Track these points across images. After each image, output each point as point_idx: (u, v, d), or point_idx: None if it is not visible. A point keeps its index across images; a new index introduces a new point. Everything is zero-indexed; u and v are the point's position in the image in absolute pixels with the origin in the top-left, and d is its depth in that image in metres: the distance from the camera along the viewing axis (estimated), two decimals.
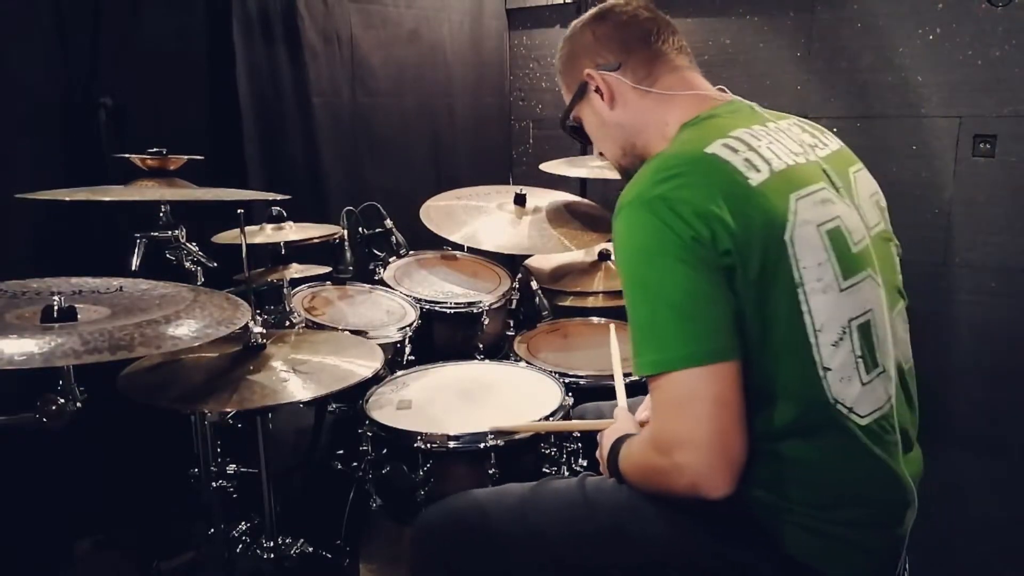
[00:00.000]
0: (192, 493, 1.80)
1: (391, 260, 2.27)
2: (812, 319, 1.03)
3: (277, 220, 2.00)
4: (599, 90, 1.28)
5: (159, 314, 1.21)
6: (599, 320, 2.32)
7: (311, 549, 1.77)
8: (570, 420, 1.65)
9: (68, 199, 1.46)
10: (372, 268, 2.25)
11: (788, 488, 1.06)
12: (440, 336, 2.17)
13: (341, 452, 1.97)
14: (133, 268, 1.60)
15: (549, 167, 2.51)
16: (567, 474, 1.61)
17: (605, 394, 1.71)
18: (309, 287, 2.12)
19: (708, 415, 0.99)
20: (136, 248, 1.62)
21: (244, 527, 1.81)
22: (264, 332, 1.60)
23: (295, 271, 1.98)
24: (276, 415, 1.74)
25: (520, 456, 1.59)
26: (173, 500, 1.98)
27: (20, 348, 1.05)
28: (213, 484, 1.74)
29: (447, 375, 1.92)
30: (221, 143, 2.20)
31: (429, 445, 1.55)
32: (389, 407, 1.73)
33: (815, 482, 1.06)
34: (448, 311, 2.14)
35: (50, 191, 1.49)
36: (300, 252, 2.02)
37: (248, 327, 1.55)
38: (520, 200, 2.32)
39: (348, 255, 2.07)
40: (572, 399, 1.70)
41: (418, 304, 2.11)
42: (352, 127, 2.59)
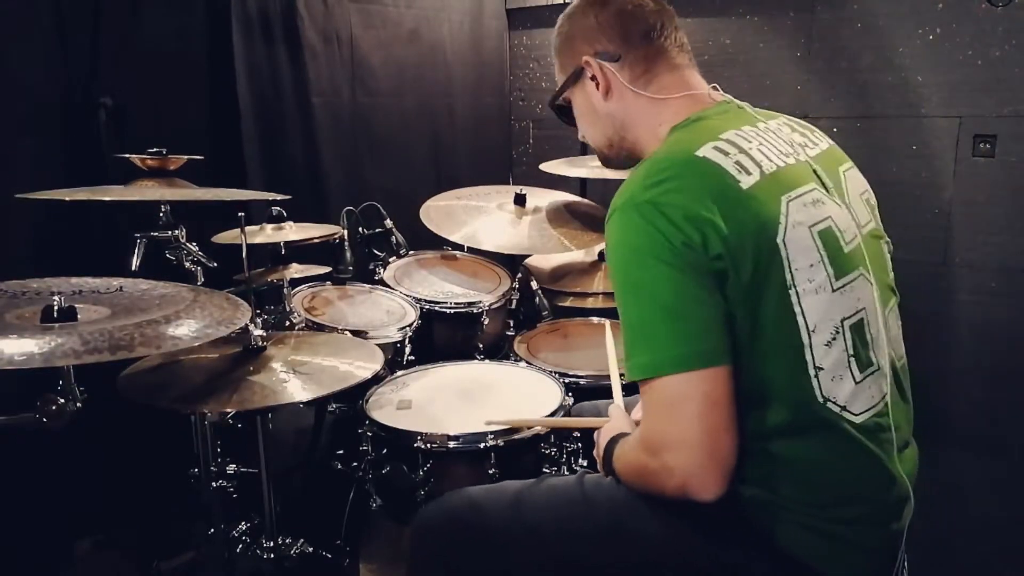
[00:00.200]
0: (192, 493, 1.80)
1: (391, 260, 2.27)
2: (805, 320, 1.03)
3: (277, 220, 2.00)
4: (595, 79, 1.26)
5: (159, 314, 1.21)
6: (599, 320, 2.31)
7: (311, 549, 1.77)
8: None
9: (68, 199, 1.47)
10: (372, 268, 2.25)
11: (783, 487, 1.06)
12: (440, 336, 2.17)
13: (341, 452, 1.97)
14: (133, 268, 1.60)
15: (549, 167, 2.51)
16: (567, 474, 1.60)
17: (605, 394, 1.70)
18: (309, 287, 2.12)
19: (698, 416, 0.99)
20: (136, 248, 1.63)
21: (244, 527, 1.81)
22: (264, 335, 1.60)
23: (295, 271, 1.99)
24: (276, 415, 1.74)
25: (520, 456, 1.59)
26: (173, 500, 1.98)
27: (20, 348, 1.05)
28: (213, 484, 1.74)
29: (447, 375, 1.92)
30: (221, 143, 2.20)
31: (429, 445, 1.56)
32: (389, 407, 1.73)
33: (810, 480, 1.06)
34: (448, 311, 2.14)
35: (50, 191, 1.49)
36: (300, 252, 2.03)
37: (248, 329, 1.55)
38: (520, 200, 2.32)
39: (348, 255, 2.07)
40: (572, 399, 1.70)
41: (418, 304, 2.11)
42: (352, 127, 2.59)
